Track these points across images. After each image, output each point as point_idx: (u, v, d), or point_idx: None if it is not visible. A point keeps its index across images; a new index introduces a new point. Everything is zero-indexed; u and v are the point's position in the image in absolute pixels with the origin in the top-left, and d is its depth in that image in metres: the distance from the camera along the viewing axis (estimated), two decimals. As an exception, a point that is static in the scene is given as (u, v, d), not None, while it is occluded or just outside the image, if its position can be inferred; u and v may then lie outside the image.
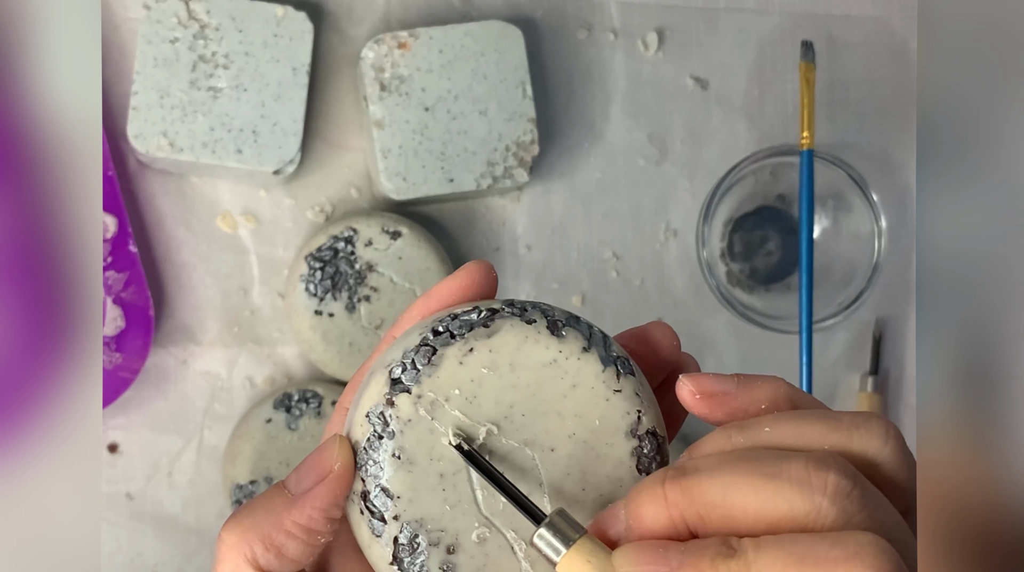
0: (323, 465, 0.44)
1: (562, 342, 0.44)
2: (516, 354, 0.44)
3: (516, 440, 0.44)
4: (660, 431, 0.45)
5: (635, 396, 0.45)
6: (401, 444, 0.44)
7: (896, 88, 0.83)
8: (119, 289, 0.75)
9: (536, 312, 0.45)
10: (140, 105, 0.74)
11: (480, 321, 0.44)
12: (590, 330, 0.45)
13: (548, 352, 0.44)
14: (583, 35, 0.81)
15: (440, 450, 0.44)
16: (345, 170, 0.79)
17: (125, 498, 0.78)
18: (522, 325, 0.44)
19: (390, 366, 0.44)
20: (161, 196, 0.78)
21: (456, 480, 0.44)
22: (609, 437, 0.44)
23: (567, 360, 0.44)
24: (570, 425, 0.44)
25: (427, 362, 0.44)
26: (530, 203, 0.80)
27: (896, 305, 0.83)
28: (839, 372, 0.82)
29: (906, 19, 0.83)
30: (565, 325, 0.45)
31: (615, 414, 0.44)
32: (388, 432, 0.44)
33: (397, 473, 0.43)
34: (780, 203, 0.82)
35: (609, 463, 0.44)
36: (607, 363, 0.45)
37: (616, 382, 0.44)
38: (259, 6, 0.75)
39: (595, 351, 0.45)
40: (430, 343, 0.44)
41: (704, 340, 0.82)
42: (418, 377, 0.44)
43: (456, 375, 0.44)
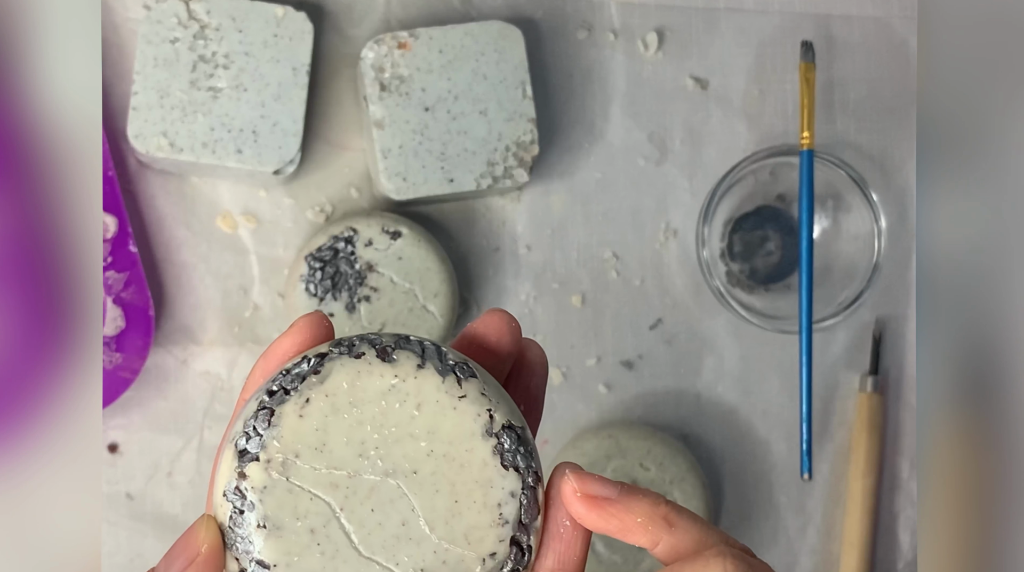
0: (190, 549, 0.43)
1: (395, 366, 0.45)
2: (353, 391, 0.44)
3: (377, 474, 0.44)
4: (516, 421, 0.45)
5: (481, 396, 0.45)
6: (264, 513, 0.43)
7: (896, 88, 0.83)
8: (119, 289, 0.75)
9: (364, 344, 0.45)
10: (140, 105, 0.74)
11: (310, 369, 0.44)
12: (422, 346, 0.45)
13: (384, 380, 0.44)
14: (583, 35, 0.81)
15: (304, 507, 0.43)
16: (345, 170, 0.79)
17: (125, 498, 0.78)
18: (351, 361, 0.45)
19: (235, 439, 0.44)
20: (161, 196, 0.78)
21: (329, 531, 0.44)
22: (467, 443, 0.44)
23: (404, 382, 0.44)
24: (425, 444, 0.44)
25: (267, 425, 0.44)
26: (530, 203, 0.80)
27: (896, 305, 0.83)
28: (839, 372, 0.82)
29: (906, 19, 0.83)
30: (395, 349, 0.45)
31: (466, 419, 0.45)
32: (248, 504, 0.43)
33: (268, 542, 0.43)
34: (780, 203, 0.82)
35: (474, 468, 0.44)
36: (445, 373, 0.45)
37: (458, 388, 0.45)
38: (259, 6, 0.75)
39: (430, 365, 0.45)
40: (267, 405, 0.44)
41: (704, 340, 0.82)
42: (262, 442, 0.44)
43: (299, 429, 0.44)
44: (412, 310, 0.76)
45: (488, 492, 0.44)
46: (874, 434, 0.81)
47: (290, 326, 0.46)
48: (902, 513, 0.83)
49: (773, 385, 0.82)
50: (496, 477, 0.44)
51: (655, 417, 0.81)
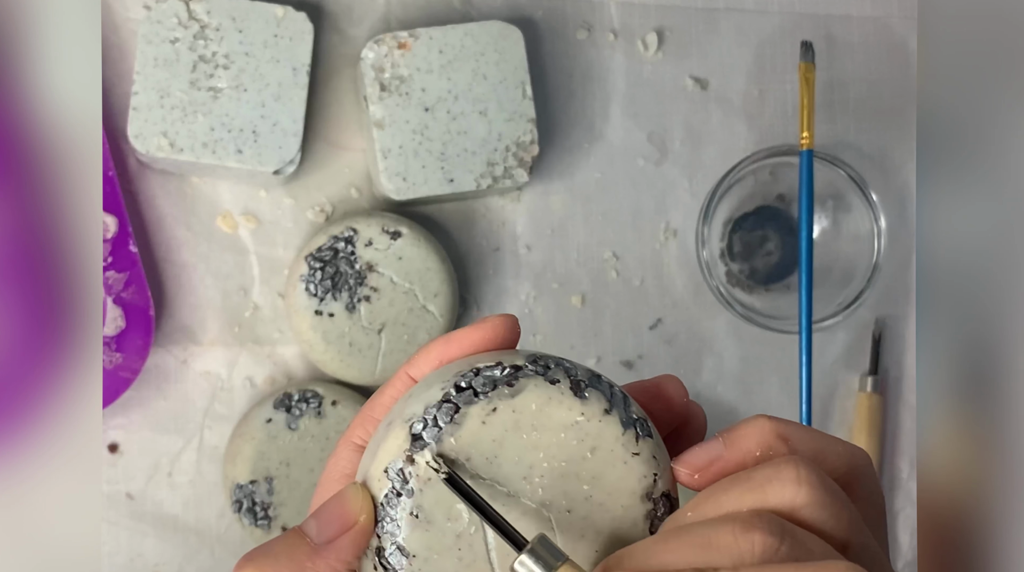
0: (348, 516, 0.43)
1: (584, 404, 0.44)
2: (539, 415, 0.44)
3: (534, 501, 0.44)
4: (673, 493, 0.45)
5: (652, 459, 0.44)
6: (420, 503, 0.43)
7: (895, 88, 0.83)
8: (119, 289, 0.75)
9: (559, 371, 0.44)
10: (140, 105, 0.74)
11: (504, 379, 0.44)
12: (611, 390, 0.45)
13: (570, 414, 0.44)
14: (583, 35, 0.81)
15: (457, 510, 0.43)
16: (345, 170, 0.79)
17: (125, 498, 0.78)
18: (546, 385, 0.44)
19: (411, 421, 0.44)
20: (161, 196, 0.78)
21: (473, 540, 0.43)
22: (625, 500, 0.44)
23: (588, 422, 0.44)
24: (587, 487, 0.44)
25: (449, 420, 0.43)
26: (530, 203, 0.80)
27: (895, 305, 0.83)
28: (838, 372, 0.82)
29: (905, 19, 0.83)
30: (588, 386, 0.44)
31: (632, 477, 0.44)
32: (407, 490, 0.43)
33: (414, 532, 0.43)
34: (780, 203, 0.82)
35: (623, 525, 0.44)
36: (627, 426, 0.44)
37: (635, 445, 0.44)
38: (259, 6, 0.75)
39: (616, 413, 0.44)
40: (453, 400, 0.44)
41: (704, 340, 0.82)
42: (439, 435, 0.43)
43: (478, 434, 0.44)
44: (412, 310, 0.76)
45: None
46: (873, 434, 0.81)
47: (482, 320, 0.46)
48: (901, 513, 0.83)
49: (773, 385, 0.82)
50: None
51: (655, 417, 0.81)
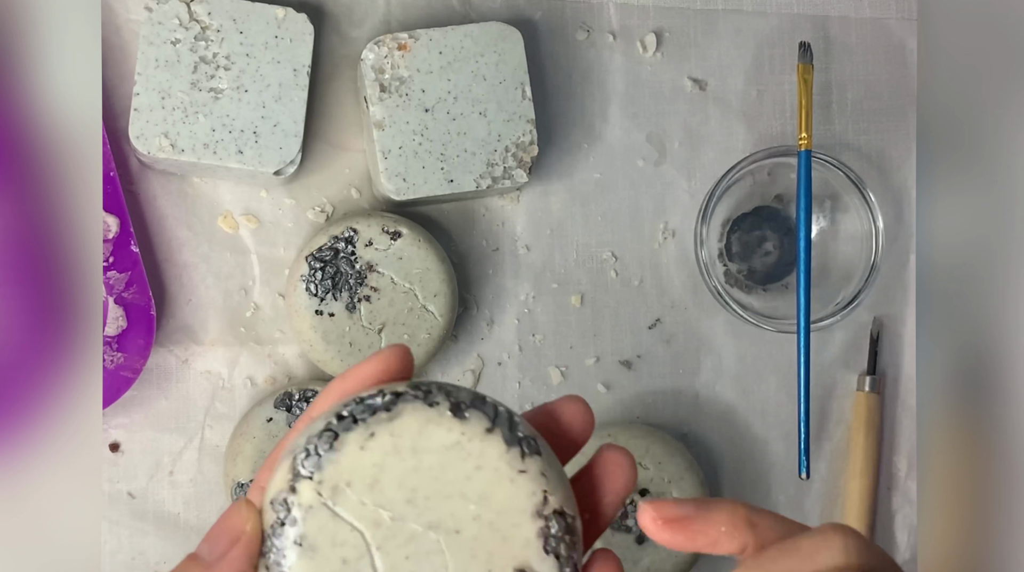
0: (234, 529, 0.44)
1: (465, 424, 0.45)
2: (418, 437, 0.44)
3: (420, 524, 0.44)
4: (569, 510, 0.45)
5: (540, 476, 0.45)
6: (303, 531, 0.44)
7: (893, 89, 0.83)
8: (121, 289, 0.75)
9: (440, 394, 0.45)
10: (141, 106, 0.74)
11: (383, 405, 0.45)
12: (495, 410, 0.45)
13: (450, 434, 0.44)
14: (582, 36, 0.81)
15: (343, 536, 0.44)
16: (345, 171, 0.79)
17: (127, 497, 0.78)
18: (424, 408, 0.45)
19: (295, 452, 0.45)
20: (162, 196, 0.78)
21: (360, 566, 0.44)
22: (515, 518, 0.44)
23: (470, 442, 0.44)
24: (474, 507, 0.44)
25: (329, 448, 0.44)
26: (529, 203, 0.81)
27: (893, 305, 0.83)
28: (836, 372, 0.83)
29: (903, 20, 0.83)
30: (469, 407, 0.45)
31: (520, 494, 0.44)
32: (290, 519, 0.44)
33: (299, 560, 0.44)
34: (778, 203, 0.82)
35: (515, 544, 0.44)
36: (511, 443, 0.45)
37: (521, 462, 0.44)
38: (260, 8, 0.75)
39: (499, 432, 0.45)
40: (333, 428, 0.44)
41: (702, 340, 0.82)
42: (320, 463, 0.44)
43: (358, 460, 0.44)
44: (412, 310, 0.76)
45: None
46: (871, 433, 0.81)
47: (375, 354, 0.46)
48: (899, 512, 0.83)
49: (771, 385, 0.82)
50: (534, 560, 0.44)
51: (654, 416, 0.81)
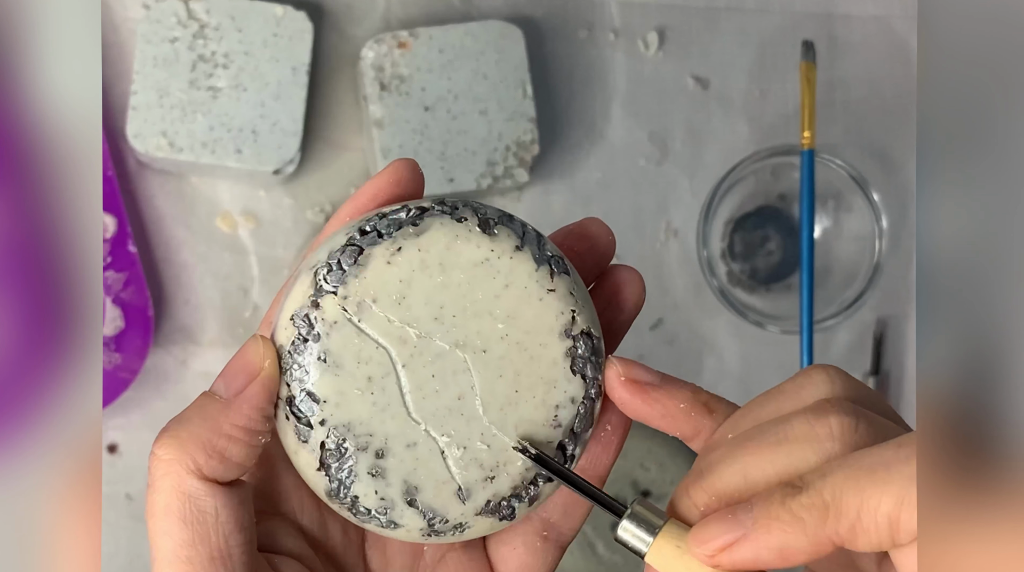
0: (251, 365, 0.43)
1: (494, 240, 0.43)
2: (446, 253, 0.43)
3: (447, 341, 0.43)
4: (595, 331, 0.44)
5: (569, 295, 0.44)
6: (327, 347, 0.42)
7: (896, 88, 0.83)
8: (118, 289, 0.75)
9: (467, 210, 0.44)
10: (139, 105, 0.74)
11: (409, 219, 0.43)
12: (523, 228, 0.44)
13: (479, 251, 0.43)
14: (583, 35, 0.81)
15: (368, 353, 0.43)
16: (345, 170, 0.79)
17: (125, 499, 0.78)
18: (452, 223, 0.43)
19: (315, 267, 0.43)
20: (161, 196, 0.78)
21: (385, 383, 0.43)
22: (543, 337, 0.43)
23: (499, 259, 0.43)
24: (502, 326, 0.43)
25: (353, 262, 0.43)
26: (530, 203, 0.80)
27: (897, 305, 0.83)
28: (840, 372, 0.82)
29: (906, 19, 0.83)
30: (497, 223, 0.44)
31: (549, 314, 0.43)
32: (313, 335, 0.43)
33: (323, 377, 0.42)
34: (781, 203, 0.82)
35: (543, 364, 0.43)
36: (540, 262, 0.44)
37: (550, 281, 0.43)
38: (259, 6, 0.75)
39: (528, 250, 0.44)
40: (356, 243, 0.43)
41: (704, 340, 0.82)
42: (344, 278, 0.43)
43: (384, 275, 0.43)
44: (412, 310, 0.76)
45: (550, 392, 0.44)
46: (875, 434, 0.81)
47: (384, 168, 0.45)
48: (903, 513, 0.83)
49: (774, 385, 0.82)
50: (561, 379, 0.44)
51: (655, 417, 0.81)
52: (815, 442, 0.39)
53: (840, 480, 0.38)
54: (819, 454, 0.39)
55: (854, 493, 0.38)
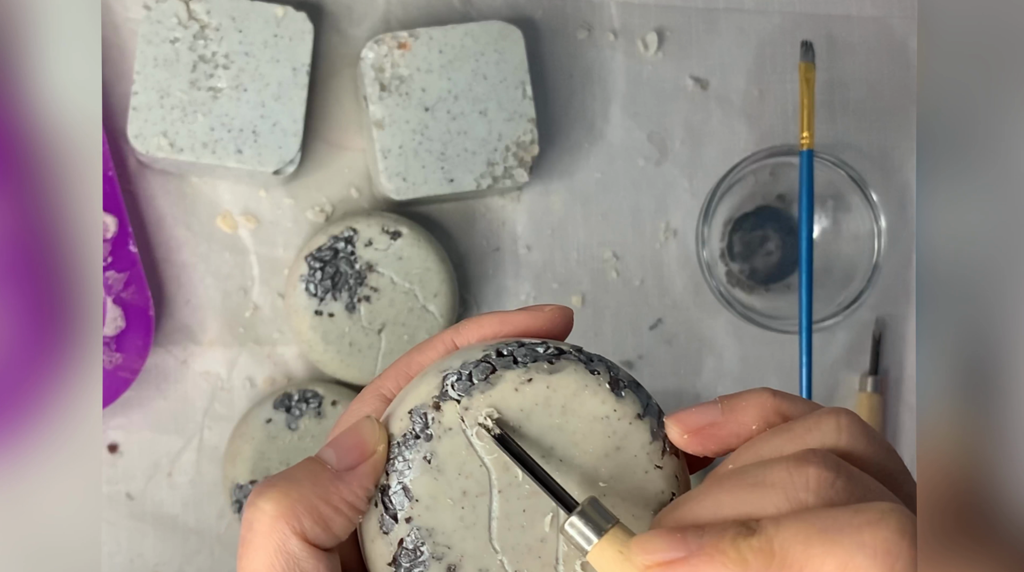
0: (365, 445, 0.43)
1: (619, 401, 0.44)
2: (572, 399, 0.44)
3: None
4: None
5: (674, 477, 0.44)
6: (435, 449, 0.43)
7: (896, 88, 0.83)
8: (119, 289, 0.75)
9: (601, 365, 0.44)
10: (140, 105, 0.74)
11: (545, 356, 0.44)
12: (648, 400, 0.45)
13: (604, 407, 0.44)
14: (583, 35, 0.81)
15: (471, 468, 0.43)
16: (345, 170, 0.79)
17: (125, 498, 0.78)
18: (585, 372, 0.44)
19: (446, 372, 0.44)
20: (161, 196, 0.78)
21: (477, 502, 0.43)
22: (637, 509, 0.44)
23: (619, 421, 0.44)
24: (604, 484, 0.43)
25: (484, 379, 0.43)
26: (530, 203, 0.80)
27: (896, 305, 0.83)
28: (839, 372, 0.82)
29: (906, 19, 0.83)
30: (626, 386, 0.44)
31: (651, 488, 0.44)
32: (426, 434, 0.43)
33: (423, 476, 0.43)
34: (780, 203, 0.82)
35: None
36: (657, 437, 0.44)
37: (660, 458, 0.44)
38: (259, 6, 0.75)
39: (649, 421, 0.44)
40: (491, 361, 0.44)
41: (704, 340, 0.82)
42: (470, 390, 0.43)
43: (508, 400, 0.43)
44: (412, 310, 0.76)
45: None
46: (874, 434, 0.81)
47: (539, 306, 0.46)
48: (902, 513, 0.83)
49: (773, 385, 0.82)
50: None
51: (655, 417, 0.81)
52: (790, 490, 0.39)
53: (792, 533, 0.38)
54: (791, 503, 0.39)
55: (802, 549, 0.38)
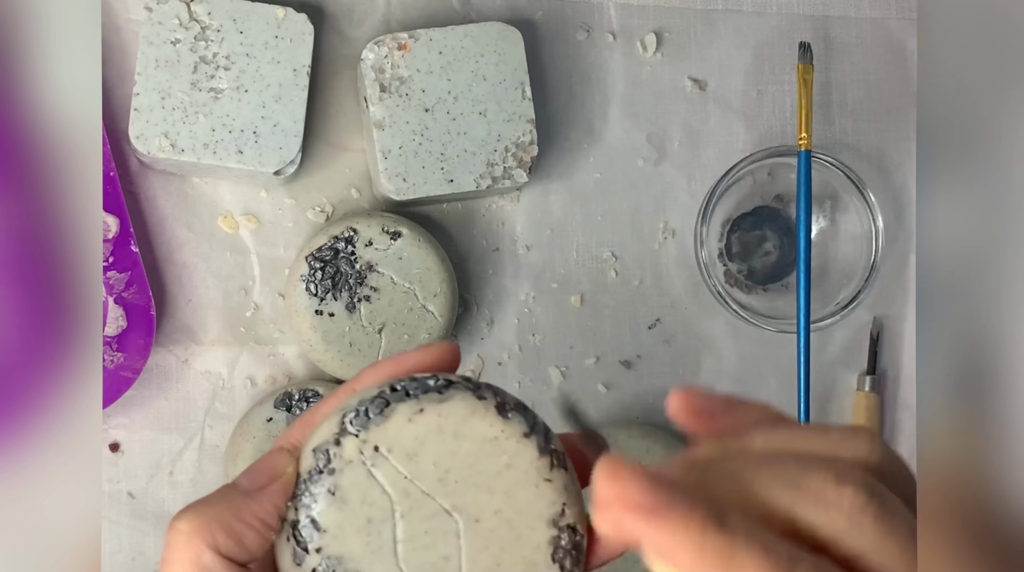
0: (276, 468, 0.47)
1: (506, 423, 0.47)
2: (462, 424, 0.46)
3: (445, 503, 0.46)
4: (581, 529, 0.47)
5: (564, 489, 0.47)
6: (338, 482, 0.46)
7: (893, 89, 0.83)
8: (121, 289, 0.75)
9: (488, 391, 0.47)
10: (142, 106, 0.74)
11: (436, 388, 0.47)
12: (535, 420, 0.47)
13: (492, 429, 0.47)
14: (582, 36, 0.81)
15: (373, 496, 0.46)
16: (345, 170, 0.79)
17: (127, 497, 0.78)
18: (473, 399, 0.47)
19: (345, 411, 0.47)
20: (162, 196, 0.78)
21: (382, 528, 0.46)
22: (532, 521, 0.46)
23: (508, 440, 0.47)
24: (498, 501, 0.46)
25: (379, 413, 0.46)
26: (529, 203, 0.81)
27: (893, 305, 0.83)
28: (837, 372, 0.83)
29: (903, 20, 0.83)
30: (512, 409, 0.47)
31: (542, 501, 0.46)
32: (329, 469, 0.46)
33: (328, 508, 0.46)
34: (778, 203, 0.82)
35: (527, 546, 0.46)
36: (544, 452, 0.47)
37: (549, 472, 0.47)
38: (260, 8, 0.75)
39: (535, 438, 0.47)
40: (385, 397, 0.47)
41: (702, 340, 0.82)
42: (367, 424, 0.46)
43: (402, 430, 0.46)
44: (412, 310, 0.76)
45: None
46: (872, 433, 0.81)
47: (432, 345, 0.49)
48: (900, 512, 0.83)
49: (771, 385, 0.82)
50: (542, 565, 0.46)
51: (654, 416, 0.81)
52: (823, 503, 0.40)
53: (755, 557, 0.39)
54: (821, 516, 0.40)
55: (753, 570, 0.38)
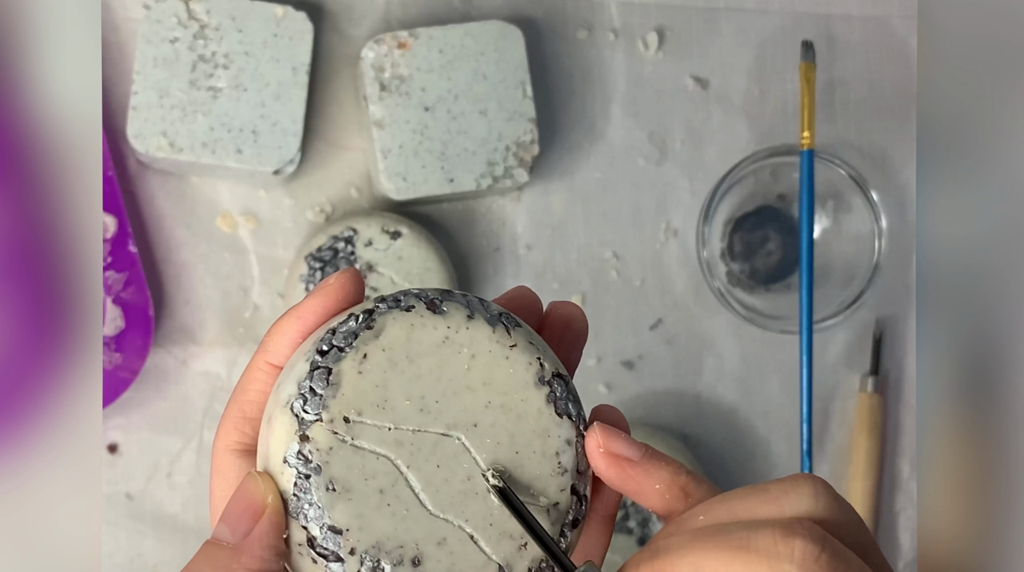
0: (255, 504, 0.42)
1: (447, 318, 0.44)
2: (409, 344, 0.44)
3: (439, 428, 0.43)
4: (562, 371, 0.45)
5: (529, 345, 0.45)
6: (332, 475, 0.42)
7: (896, 88, 0.83)
8: (119, 289, 0.75)
9: (411, 298, 0.44)
10: (140, 105, 0.74)
11: (362, 325, 0.43)
12: (466, 298, 0.45)
13: (437, 332, 0.44)
14: (583, 35, 0.81)
15: (371, 467, 0.43)
16: (345, 170, 0.79)
17: (125, 498, 0.78)
18: (403, 314, 0.44)
19: (289, 402, 0.43)
20: (161, 196, 0.78)
21: (397, 490, 0.43)
22: (521, 393, 0.44)
23: (457, 333, 0.44)
24: (483, 395, 0.44)
25: (326, 384, 0.43)
26: (530, 203, 0.80)
27: (896, 305, 0.83)
28: (839, 372, 0.82)
29: (906, 19, 0.83)
30: (443, 301, 0.44)
31: (519, 368, 0.44)
32: (313, 468, 0.42)
33: (339, 505, 0.42)
34: (780, 203, 0.82)
35: (530, 417, 0.44)
36: (494, 323, 0.44)
37: (508, 338, 0.44)
38: (259, 6, 0.75)
39: (479, 316, 0.44)
40: (321, 365, 0.43)
41: (704, 340, 0.82)
42: (323, 402, 0.43)
43: (360, 386, 0.43)
44: (412, 310, 0.76)
45: (546, 441, 0.44)
46: (874, 434, 0.81)
47: (321, 285, 0.45)
48: (902, 513, 0.83)
49: (773, 385, 0.82)
50: (552, 426, 0.44)
51: (655, 417, 0.81)
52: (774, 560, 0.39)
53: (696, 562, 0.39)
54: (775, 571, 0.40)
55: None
